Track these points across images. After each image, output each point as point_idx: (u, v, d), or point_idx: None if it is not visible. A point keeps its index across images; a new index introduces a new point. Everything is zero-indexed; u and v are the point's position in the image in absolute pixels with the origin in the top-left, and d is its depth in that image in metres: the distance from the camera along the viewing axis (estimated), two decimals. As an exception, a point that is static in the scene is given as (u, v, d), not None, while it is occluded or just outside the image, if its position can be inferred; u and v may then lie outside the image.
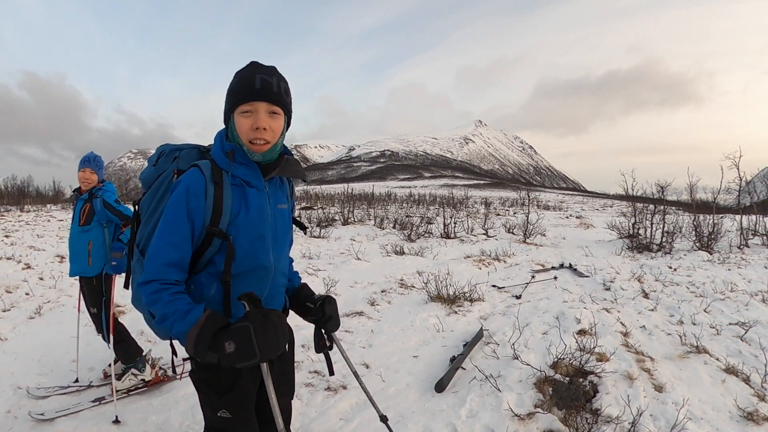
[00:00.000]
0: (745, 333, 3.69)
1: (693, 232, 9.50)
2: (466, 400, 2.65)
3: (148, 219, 1.36)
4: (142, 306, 1.28)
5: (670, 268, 6.78)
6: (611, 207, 33.15)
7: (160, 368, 3.12)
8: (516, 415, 2.42)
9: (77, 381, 3.05)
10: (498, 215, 20.52)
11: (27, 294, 5.25)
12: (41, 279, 6.00)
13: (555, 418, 2.38)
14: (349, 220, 14.96)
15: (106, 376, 3.04)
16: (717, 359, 3.23)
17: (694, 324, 4.03)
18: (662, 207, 10.49)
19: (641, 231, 10.43)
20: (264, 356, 1.10)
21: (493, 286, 5.90)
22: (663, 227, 9.84)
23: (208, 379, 1.32)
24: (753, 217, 10.18)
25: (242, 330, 1.09)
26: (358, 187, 44.41)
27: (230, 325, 1.13)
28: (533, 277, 6.44)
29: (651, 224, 10.13)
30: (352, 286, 5.96)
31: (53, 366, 3.31)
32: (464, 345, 3.55)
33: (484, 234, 12.40)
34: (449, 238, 11.44)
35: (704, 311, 4.42)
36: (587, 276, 6.42)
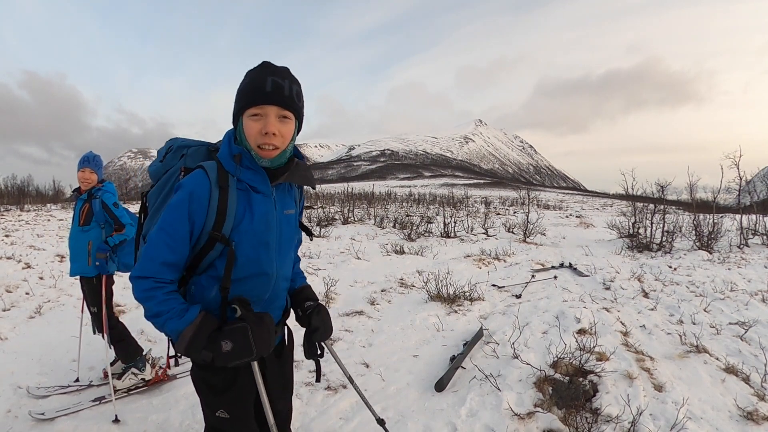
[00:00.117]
0: (745, 332, 3.69)
1: (693, 232, 9.51)
2: (466, 400, 2.65)
3: (155, 212, 1.36)
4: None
5: (670, 268, 6.78)
6: (611, 206, 33.14)
7: (161, 367, 3.13)
8: (516, 415, 2.43)
9: (77, 380, 3.05)
10: (498, 214, 20.52)
11: (27, 293, 5.26)
12: (41, 278, 6.01)
13: (555, 418, 2.38)
14: (349, 220, 14.96)
15: (107, 376, 3.04)
16: (717, 359, 3.23)
17: (694, 323, 4.04)
18: (662, 206, 10.49)
19: (641, 230, 10.43)
20: (258, 354, 1.19)
21: (493, 286, 5.90)
22: (663, 227, 9.84)
23: (206, 379, 1.34)
24: (753, 217, 10.18)
25: (240, 330, 1.17)
26: (358, 187, 44.41)
27: (224, 326, 1.19)
28: (533, 277, 6.44)
29: (651, 224, 10.13)
30: (352, 286, 5.96)
31: (53, 365, 3.31)
32: (464, 344, 3.55)
33: (484, 233, 12.40)
34: (449, 238, 11.44)
35: (704, 311, 4.42)
36: (587, 275, 6.42)
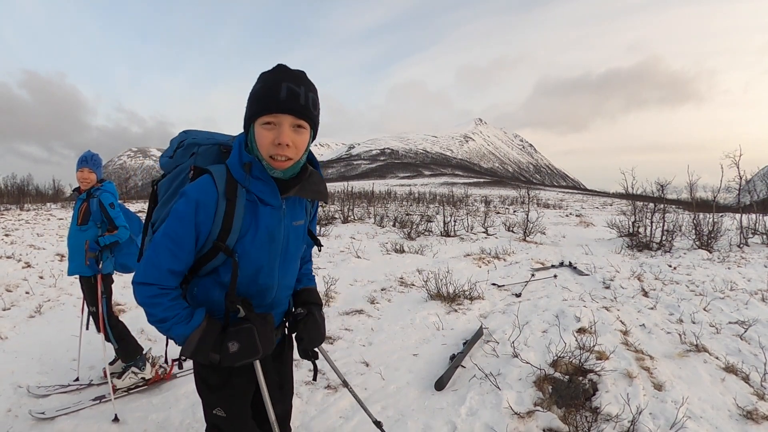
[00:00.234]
0: (745, 332, 3.69)
1: (693, 231, 9.52)
2: (466, 398, 2.65)
3: (165, 203, 1.34)
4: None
5: (670, 267, 6.79)
6: (611, 205, 33.15)
7: (161, 366, 3.13)
8: (516, 414, 2.43)
9: (78, 380, 3.05)
10: (498, 213, 20.52)
11: (27, 293, 5.26)
12: (41, 278, 6.01)
13: (555, 417, 2.39)
14: (349, 219, 14.96)
15: (107, 375, 3.05)
16: (716, 358, 3.24)
17: (694, 323, 4.04)
18: (662, 205, 10.50)
19: (641, 229, 10.43)
20: (264, 353, 1.25)
21: (493, 285, 5.90)
22: (663, 226, 9.84)
23: (204, 377, 1.36)
24: (753, 216, 10.19)
25: (246, 331, 1.21)
26: (358, 185, 44.41)
27: (229, 328, 1.23)
28: (533, 276, 6.44)
29: (651, 223, 10.13)
30: (352, 285, 5.96)
31: (53, 365, 3.31)
32: (464, 343, 3.55)
33: (484, 232, 12.40)
34: (449, 237, 11.43)
35: (704, 310, 4.42)
36: (587, 274, 6.42)
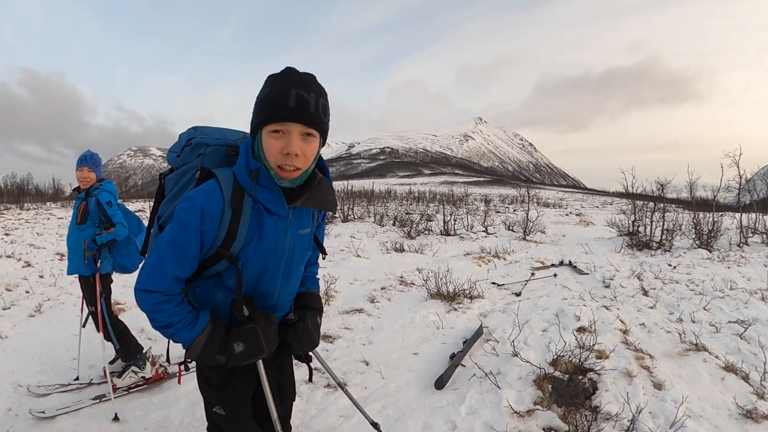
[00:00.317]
0: (745, 331, 3.69)
1: (693, 230, 9.51)
2: (466, 397, 2.65)
3: (172, 198, 1.35)
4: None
5: (670, 266, 6.79)
6: (611, 204, 33.14)
7: (161, 365, 3.13)
8: (515, 412, 2.43)
9: (78, 379, 3.06)
10: (498, 212, 20.51)
11: (27, 292, 5.26)
12: (41, 277, 6.01)
13: (554, 415, 2.39)
14: (349, 217, 14.95)
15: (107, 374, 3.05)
16: (716, 357, 3.24)
17: (694, 322, 4.04)
18: (662, 205, 10.49)
19: (641, 229, 10.43)
20: (268, 352, 1.27)
21: (493, 284, 5.90)
22: (663, 225, 9.84)
23: (205, 375, 1.37)
24: (753, 215, 10.19)
25: (251, 331, 1.23)
26: (358, 184, 44.36)
27: (233, 328, 1.25)
28: (533, 275, 6.44)
29: (651, 222, 10.13)
30: (352, 283, 5.97)
31: (54, 364, 3.31)
32: (464, 342, 3.55)
33: (484, 231, 12.40)
34: (449, 236, 11.43)
35: (704, 309, 4.42)
36: (587, 273, 6.42)
